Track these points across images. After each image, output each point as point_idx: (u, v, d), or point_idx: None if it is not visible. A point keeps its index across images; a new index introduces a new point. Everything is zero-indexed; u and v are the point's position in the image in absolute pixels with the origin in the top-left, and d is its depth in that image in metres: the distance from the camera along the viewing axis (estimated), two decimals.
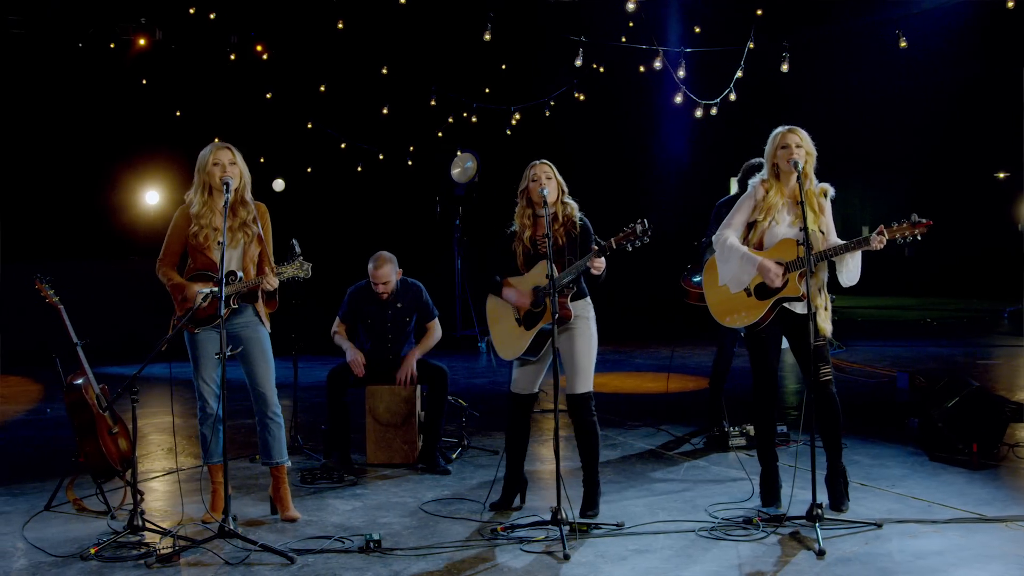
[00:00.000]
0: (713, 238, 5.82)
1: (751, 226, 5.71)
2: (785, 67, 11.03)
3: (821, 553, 4.90)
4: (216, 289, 5.30)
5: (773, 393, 5.77)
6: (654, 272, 12.01)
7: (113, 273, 13.46)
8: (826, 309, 5.56)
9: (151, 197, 14.46)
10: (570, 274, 5.51)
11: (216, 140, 5.71)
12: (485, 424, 8.26)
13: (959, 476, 6.40)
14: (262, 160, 13.87)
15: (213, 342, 5.61)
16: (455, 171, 13.38)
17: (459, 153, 13.07)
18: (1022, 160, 19.59)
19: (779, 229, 5.61)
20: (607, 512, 5.70)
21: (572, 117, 14.12)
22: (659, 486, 6.37)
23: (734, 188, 16.68)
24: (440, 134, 14.01)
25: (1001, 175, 20.55)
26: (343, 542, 5.23)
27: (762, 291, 5.59)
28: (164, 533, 5.25)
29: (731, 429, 7.37)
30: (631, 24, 12.11)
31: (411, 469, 6.89)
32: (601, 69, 11.27)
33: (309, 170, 13.53)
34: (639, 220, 5.37)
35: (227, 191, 5.37)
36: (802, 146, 5.57)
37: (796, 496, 5.59)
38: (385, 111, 13.11)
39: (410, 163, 14.16)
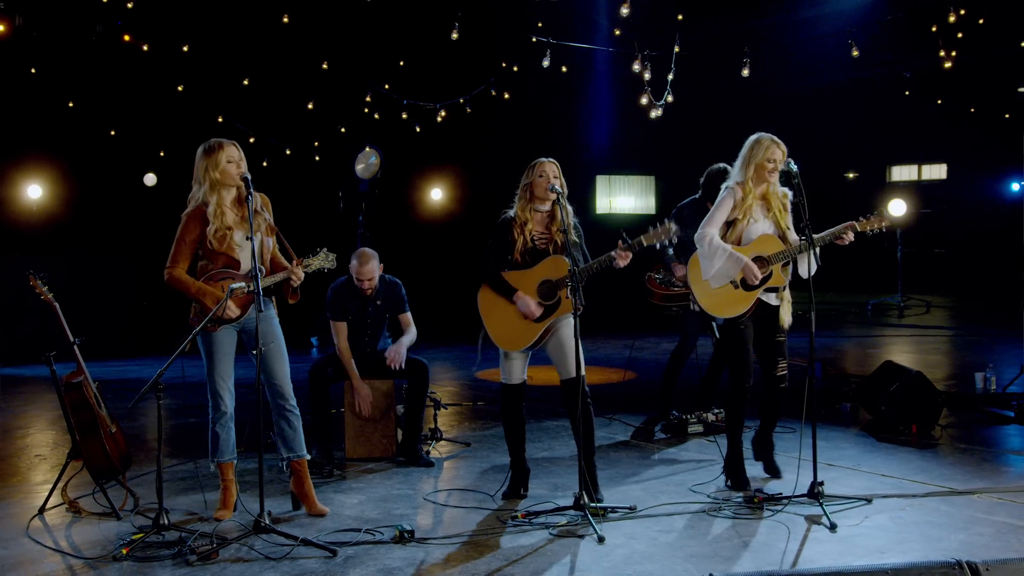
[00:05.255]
0: (696, 236, 6.14)
1: (729, 224, 6.09)
2: (746, 72, 11.47)
3: (833, 527, 5.28)
4: (243, 284, 5.29)
5: (749, 381, 6.13)
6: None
7: None
8: (789, 302, 6.10)
9: (33, 192, 13.80)
10: (595, 267, 5.72)
11: (222, 139, 5.52)
12: (444, 418, 8.39)
13: (912, 455, 6.93)
14: (162, 154, 13.45)
15: (231, 339, 5.56)
16: (359, 167, 13.34)
17: (366, 148, 13.04)
18: (869, 162, 21.08)
19: (756, 226, 6.06)
20: (611, 497, 5.94)
21: (489, 116, 14.19)
22: (645, 471, 6.65)
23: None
24: (343, 129, 13.90)
25: (851, 175, 21.94)
26: (373, 534, 5.29)
27: (748, 284, 5.97)
28: (194, 532, 5.18)
29: (688, 417, 7.72)
30: (540, 24, 12.34)
31: (391, 462, 6.95)
32: (516, 68, 11.44)
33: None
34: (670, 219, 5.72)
35: (248, 187, 5.34)
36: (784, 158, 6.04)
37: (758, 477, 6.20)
38: (310, 106, 12.93)
39: (317, 158, 13.99)
